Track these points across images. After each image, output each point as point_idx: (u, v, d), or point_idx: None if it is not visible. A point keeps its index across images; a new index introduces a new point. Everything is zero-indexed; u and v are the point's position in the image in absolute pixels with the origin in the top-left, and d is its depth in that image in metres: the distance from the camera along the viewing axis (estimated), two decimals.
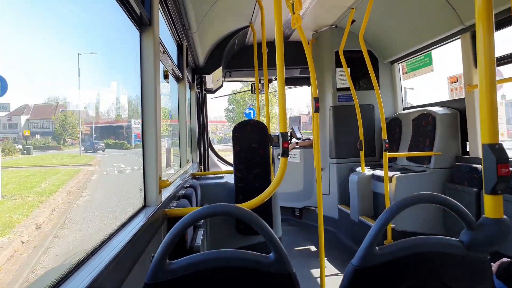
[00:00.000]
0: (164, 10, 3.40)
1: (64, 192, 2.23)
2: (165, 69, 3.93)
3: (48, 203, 2.07)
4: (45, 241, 1.81)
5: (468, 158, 5.09)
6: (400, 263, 1.47)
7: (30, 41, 1.57)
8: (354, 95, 5.93)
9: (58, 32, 1.85)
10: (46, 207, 2.03)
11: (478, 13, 1.68)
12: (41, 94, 1.99)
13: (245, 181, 4.50)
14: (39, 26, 1.65)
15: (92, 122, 2.95)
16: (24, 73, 1.55)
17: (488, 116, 1.67)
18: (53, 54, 1.81)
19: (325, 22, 6.75)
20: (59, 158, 2.44)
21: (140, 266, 1.92)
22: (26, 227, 1.77)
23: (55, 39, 1.83)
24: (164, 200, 2.72)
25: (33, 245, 1.73)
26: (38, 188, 2.11)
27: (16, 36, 1.44)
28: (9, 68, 1.43)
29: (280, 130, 2.73)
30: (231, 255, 1.45)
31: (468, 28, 4.80)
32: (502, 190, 1.64)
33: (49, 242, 1.83)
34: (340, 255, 5.78)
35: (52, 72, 1.84)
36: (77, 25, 2.09)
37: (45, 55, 1.72)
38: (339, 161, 6.87)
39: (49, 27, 1.75)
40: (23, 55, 1.51)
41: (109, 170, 3.30)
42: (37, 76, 1.69)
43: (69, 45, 2.02)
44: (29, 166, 2.10)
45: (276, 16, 2.73)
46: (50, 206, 2.04)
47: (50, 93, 2.11)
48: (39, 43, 1.64)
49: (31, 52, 1.59)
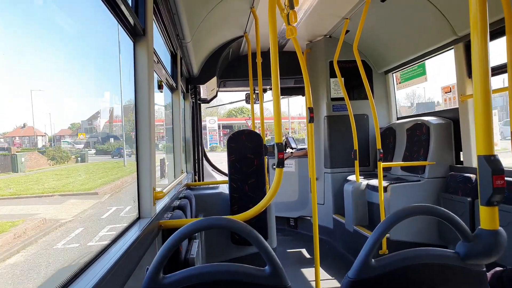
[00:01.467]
0: (158, 20, 3.39)
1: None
2: (159, 79, 3.92)
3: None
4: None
5: (461, 168, 5.10)
6: (396, 275, 1.46)
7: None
8: (349, 105, 5.94)
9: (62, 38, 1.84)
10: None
11: (473, 23, 1.68)
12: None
13: (240, 191, 4.47)
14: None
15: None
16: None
17: (483, 127, 1.67)
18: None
19: (319, 32, 6.78)
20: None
21: (134, 279, 1.89)
22: None
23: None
24: (159, 212, 2.70)
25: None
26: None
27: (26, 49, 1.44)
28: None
29: (276, 141, 2.72)
30: (226, 268, 1.43)
31: (461, 39, 4.84)
32: (498, 201, 1.64)
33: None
34: (335, 265, 5.75)
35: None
36: (72, 35, 2.08)
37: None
38: (334, 170, 6.87)
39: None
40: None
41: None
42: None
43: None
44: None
45: (271, 27, 2.73)
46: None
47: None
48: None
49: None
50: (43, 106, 1.81)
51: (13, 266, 1.71)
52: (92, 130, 3.42)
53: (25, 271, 1.76)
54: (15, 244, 1.74)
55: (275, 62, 2.71)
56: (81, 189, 2.95)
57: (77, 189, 2.87)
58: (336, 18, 6.03)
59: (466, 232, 1.51)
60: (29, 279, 1.75)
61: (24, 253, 1.79)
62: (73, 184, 2.88)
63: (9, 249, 1.69)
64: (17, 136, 2.00)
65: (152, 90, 2.65)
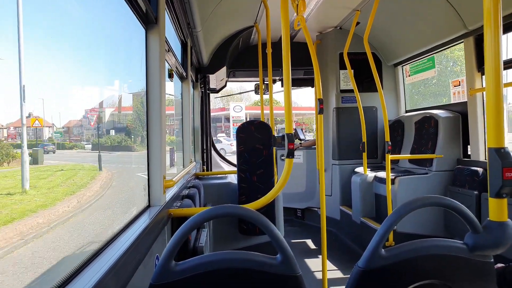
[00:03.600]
0: (169, 8, 3.39)
1: None
2: (169, 68, 3.93)
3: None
4: None
5: (469, 161, 5.09)
6: (406, 265, 1.48)
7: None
8: (358, 97, 5.93)
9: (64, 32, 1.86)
10: None
11: (486, 16, 1.68)
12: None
13: (248, 181, 4.50)
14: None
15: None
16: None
17: (494, 120, 1.68)
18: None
19: (330, 23, 6.75)
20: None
21: (144, 266, 1.91)
22: None
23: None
24: (168, 200, 2.72)
25: None
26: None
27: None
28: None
29: (286, 131, 2.73)
30: (238, 256, 1.44)
31: (471, 32, 4.80)
32: (507, 193, 1.65)
33: None
34: (342, 256, 5.78)
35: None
36: (84, 23, 2.10)
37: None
38: (342, 162, 6.87)
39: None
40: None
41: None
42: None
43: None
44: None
45: (283, 17, 2.72)
46: None
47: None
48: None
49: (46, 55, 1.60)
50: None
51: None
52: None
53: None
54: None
55: (286, 53, 2.70)
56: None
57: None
58: (347, 10, 6.00)
59: (475, 223, 1.52)
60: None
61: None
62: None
63: None
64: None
65: (163, 79, 2.65)
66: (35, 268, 1.45)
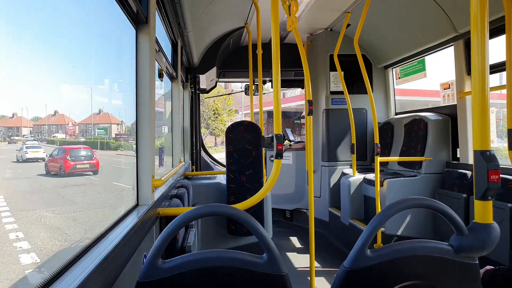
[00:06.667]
0: (160, 8, 3.38)
1: None
2: (159, 68, 3.92)
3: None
4: None
5: (458, 164, 5.13)
6: (391, 266, 1.49)
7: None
8: (348, 99, 5.96)
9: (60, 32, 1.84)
10: None
11: (473, 21, 1.70)
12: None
13: (237, 182, 4.50)
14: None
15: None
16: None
17: (480, 123, 1.69)
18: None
19: (321, 25, 6.78)
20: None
21: (132, 264, 1.91)
22: None
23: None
24: (157, 199, 2.71)
25: None
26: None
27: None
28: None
29: (275, 132, 2.74)
30: (225, 255, 1.45)
31: (461, 36, 4.84)
32: (492, 196, 1.67)
33: None
34: (330, 257, 5.80)
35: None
36: (73, 22, 2.08)
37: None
38: (331, 164, 6.90)
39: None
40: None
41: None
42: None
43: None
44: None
45: (273, 18, 2.73)
46: None
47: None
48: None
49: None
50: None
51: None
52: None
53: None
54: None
55: (276, 54, 2.71)
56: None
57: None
58: (338, 12, 6.02)
59: (460, 225, 1.53)
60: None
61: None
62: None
63: None
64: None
65: (153, 79, 2.65)
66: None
